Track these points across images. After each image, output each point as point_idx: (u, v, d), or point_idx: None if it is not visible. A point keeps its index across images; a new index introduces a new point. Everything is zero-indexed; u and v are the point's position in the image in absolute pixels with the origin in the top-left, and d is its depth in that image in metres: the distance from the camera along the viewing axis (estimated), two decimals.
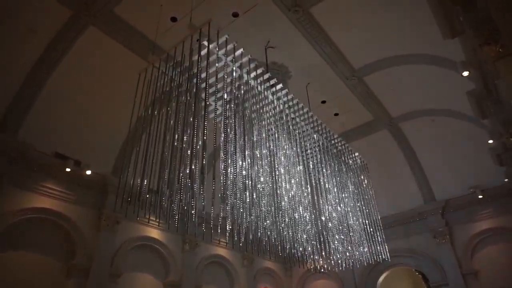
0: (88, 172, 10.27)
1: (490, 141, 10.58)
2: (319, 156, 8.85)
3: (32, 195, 9.35)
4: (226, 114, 5.99)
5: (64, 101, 9.84)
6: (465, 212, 13.26)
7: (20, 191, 9.12)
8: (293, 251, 7.40)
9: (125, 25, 9.12)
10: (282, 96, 7.75)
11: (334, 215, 8.53)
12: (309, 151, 8.92)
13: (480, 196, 12.73)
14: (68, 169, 9.90)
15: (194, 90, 6.09)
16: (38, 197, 9.46)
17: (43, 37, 8.81)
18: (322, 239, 8.19)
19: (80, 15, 8.60)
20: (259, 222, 6.37)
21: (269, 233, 6.68)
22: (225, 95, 6.15)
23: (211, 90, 6.63)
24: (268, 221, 6.54)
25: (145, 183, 5.78)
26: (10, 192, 8.87)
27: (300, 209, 7.32)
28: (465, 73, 8.09)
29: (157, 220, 8.04)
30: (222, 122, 5.88)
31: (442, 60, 9.62)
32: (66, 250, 9.76)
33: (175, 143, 5.69)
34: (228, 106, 6.26)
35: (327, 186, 8.69)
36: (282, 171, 7.19)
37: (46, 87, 9.36)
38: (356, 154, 10.39)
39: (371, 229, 9.74)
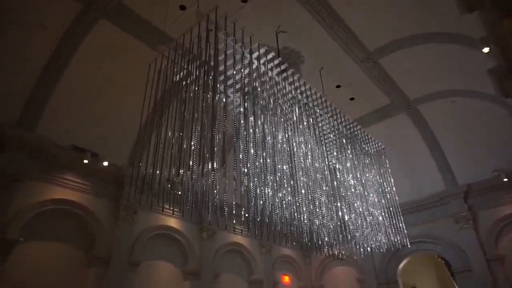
0: (105, 164, 10.43)
1: None
2: (336, 142, 8.69)
3: (51, 187, 9.58)
4: (238, 102, 5.92)
5: (78, 95, 9.96)
6: (489, 196, 12.80)
7: (40, 183, 9.36)
8: (311, 238, 7.33)
9: (135, 16, 9.11)
10: (294, 81, 7.58)
11: (352, 201, 8.39)
12: (325, 137, 8.76)
13: (505, 179, 12.25)
14: (85, 161, 10.07)
15: (205, 79, 6.01)
16: (58, 189, 9.69)
17: (55, 32, 8.90)
18: (340, 225, 8.07)
19: (90, 9, 8.63)
20: (277, 210, 6.31)
21: (287, 219, 6.61)
22: (235, 82, 6.07)
23: (221, 78, 6.54)
24: (285, 209, 6.47)
25: (157, 172, 5.79)
26: (30, 185, 9.11)
27: (318, 196, 7.21)
28: (486, 50, 7.72)
29: (174, 209, 8.08)
30: (234, 110, 5.81)
31: (461, 38, 9.21)
32: (85, 240, 10.00)
33: (192, 131, 5.63)
34: (239, 93, 6.18)
35: (344, 172, 8.54)
36: (299, 157, 7.08)
37: (60, 82, 9.48)
38: (374, 139, 10.15)
39: (391, 215, 9.56)
